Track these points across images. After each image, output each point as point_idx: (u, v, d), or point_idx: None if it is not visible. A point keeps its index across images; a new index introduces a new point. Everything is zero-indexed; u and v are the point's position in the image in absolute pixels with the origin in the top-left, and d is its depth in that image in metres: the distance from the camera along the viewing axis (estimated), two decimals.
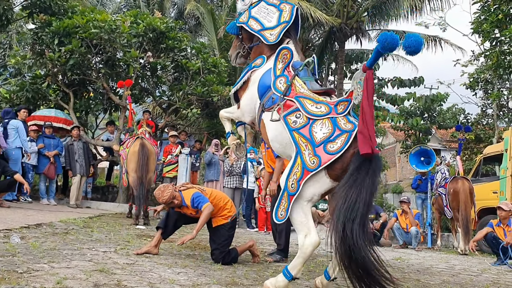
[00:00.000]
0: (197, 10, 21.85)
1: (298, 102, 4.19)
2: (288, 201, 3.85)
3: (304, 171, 3.83)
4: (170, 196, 5.12)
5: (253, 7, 4.95)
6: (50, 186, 10.72)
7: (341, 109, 4.04)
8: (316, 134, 3.92)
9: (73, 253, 4.74)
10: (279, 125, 4.19)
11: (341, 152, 3.77)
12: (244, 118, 4.82)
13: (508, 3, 11.14)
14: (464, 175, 10.97)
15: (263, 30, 4.74)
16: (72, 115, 11.62)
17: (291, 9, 4.79)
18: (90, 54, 11.03)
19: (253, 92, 4.63)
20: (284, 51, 4.61)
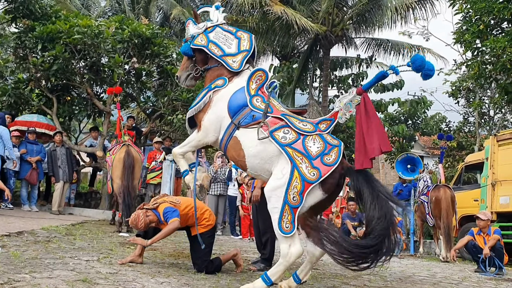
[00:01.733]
0: (182, 15, 21.83)
1: (286, 119, 4.38)
2: (292, 213, 4.02)
3: (305, 184, 4.02)
4: (144, 223, 5.13)
5: (209, 31, 5.04)
6: (32, 193, 10.58)
7: (324, 127, 4.35)
8: (310, 148, 4.17)
9: (55, 262, 4.70)
10: (263, 143, 4.30)
11: (337, 163, 4.09)
12: (208, 139, 4.75)
13: (489, 15, 11.36)
14: (446, 183, 11.11)
15: (225, 56, 4.86)
16: (55, 120, 11.50)
17: (249, 37, 4.98)
18: (74, 59, 10.95)
19: (220, 111, 4.63)
20: (259, 72, 4.76)
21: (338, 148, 4.19)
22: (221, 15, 5.22)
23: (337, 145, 4.23)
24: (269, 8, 16.53)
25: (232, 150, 4.54)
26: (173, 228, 5.09)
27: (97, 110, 12.36)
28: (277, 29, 17.79)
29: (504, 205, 10.21)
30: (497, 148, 10.62)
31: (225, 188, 10.69)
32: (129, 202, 8.45)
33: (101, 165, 11.69)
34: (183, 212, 5.18)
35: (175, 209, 5.16)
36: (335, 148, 4.19)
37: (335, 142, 4.26)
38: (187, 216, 5.19)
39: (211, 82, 4.86)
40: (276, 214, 4.09)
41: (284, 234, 4.04)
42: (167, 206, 5.19)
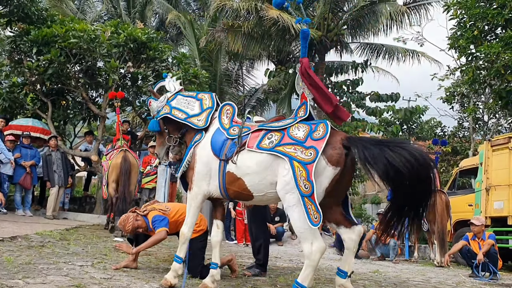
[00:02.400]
0: (178, 20, 21.85)
1: (264, 126, 4.51)
2: (312, 202, 3.91)
3: (308, 167, 3.95)
4: (132, 227, 5.16)
5: (170, 100, 5.23)
6: (26, 197, 10.52)
7: (302, 113, 4.41)
8: (297, 135, 4.18)
9: (49, 268, 4.68)
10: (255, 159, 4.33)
11: (328, 134, 4.05)
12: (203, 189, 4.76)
13: (483, 20, 11.44)
14: (440, 188, 11.15)
15: (189, 118, 5.03)
16: (50, 124, 11.46)
17: (209, 96, 5.17)
18: (69, 63, 10.91)
19: (206, 158, 4.72)
20: (226, 107, 4.99)
21: (323, 123, 4.19)
22: (177, 83, 5.45)
23: (322, 121, 4.27)
24: (264, 13, 16.56)
25: (232, 186, 4.52)
26: (159, 239, 5.13)
27: (92, 114, 12.33)
28: (273, 34, 17.83)
29: (498, 210, 10.25)
30: (491, 153, 10.68)
31: None
32: (124, 208, 8.43)
33: (95, 170, 11.65)
34: (172, 219, 5.19)
35: (164, 217, 5.17)
36: (320, 124, 4.21)
37: (318, 121, 4.30)
38: (177, 222, 5.20)
39: (190, 142, 4.97)
40: (297, 212, 4.00)
41: (315, 226, 3.92)
42: (156, 214, 5.22)
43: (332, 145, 4.04)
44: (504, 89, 11.83)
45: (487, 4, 11.68)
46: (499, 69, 11.03)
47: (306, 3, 18.48)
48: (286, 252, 9.70)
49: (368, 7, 17.58)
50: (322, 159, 3.98)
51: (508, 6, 10.91)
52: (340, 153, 4.04)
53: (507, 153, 10.23)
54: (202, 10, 24.69)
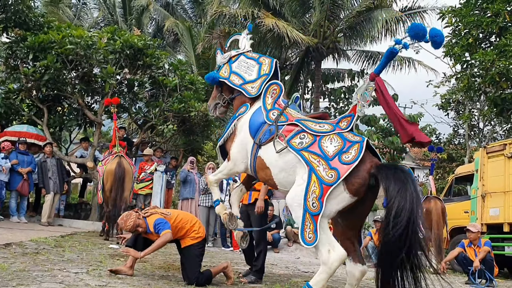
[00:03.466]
0: (176, 27, 21.91)
1: (300, 123, 4.31)
2: (313, 221, 3.79)
3: (324, 187, 3.79)
4: (133, 224, 5.11)
5: (233, 61, 5.22)
6: (21, 203, 10.43)
7: (344, 125, 4.20)
8: (327, 149, 3.98)
9: (43, 275, 4.64)
10: (283, 154, 4.23)
11: (358, 160, 3.83)
12: (237, 167, 4.84)
13: (477, 28, 11.53)
14: (436, 195, 11.16)
15: (245, 84, 5.01)
16: (45, 130, 11.42)
17: (270, 62, 5.08)
18: (66, 69, 10.91)
19: (244, 136, 4.71)
20: (273, 86, 4.87)
21: (359, 144, 3.93)
22: (248, 42, 5.45)
23: (359, 141, 3.97)
24: (261, 20, 16.64)
25: (260, 171, 4.49)
26: (165, 240, 5.07)
27: (88, 120, 12.30)
28: (269, 41, 17.92)
29: (494, 217, 10.27)
30: (487, 160, 10.71)
31: None
32: (117, 214, 8.36)
33: (91, 176, 11.61)
34: (173, 225, 5.16)
35: (166, 221, 5.14)
36: (355, 144, 3.93)
37: (356, 139, 4.01)
38: (176, 228, 5.17)
39: (236, 111, 5.02)
40: (299, 223, 3.91)
41: (307, 245, 3.85)
42: (159, 217, 5.18)
43: (357, 173, 3.83)
44: (499, 96, 11.89)
45: (481, 12, 11.78)
46: (494, 77, 11.10)
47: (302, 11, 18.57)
48: (282, 259, 9.68)
49: (364, 14, 17.68)
50: (342, 184, 3.82)
51: (502, 14, 11.00)
52: (363, 184, 3.85)
53: (502, 160, 10.27)
54: (199, 17, 24.76)
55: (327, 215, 3.87)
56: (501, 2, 10.87)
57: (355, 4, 18.58)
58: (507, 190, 10.07)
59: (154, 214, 5.25)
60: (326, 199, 3.78)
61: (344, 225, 4.11)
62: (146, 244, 5.28)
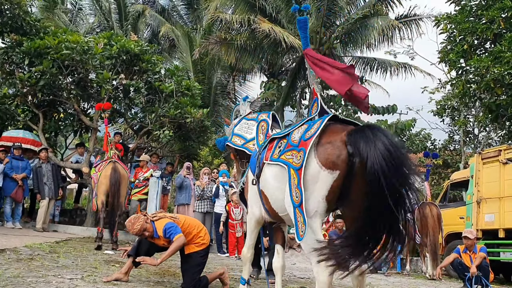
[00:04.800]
0: (172, 33, 21.94)
1: (274, 135, 4.38)
2: (301, 213, 3.48)
3: (298, 173, 3.54)
4: (140, 227, 5.07)
5: (235, 126, 5.49)
6: (16, 209, 10.36)
7: (315, 110, 4.20)
8: (295, 138, 3.83)
9: (37, 281, 4.62)
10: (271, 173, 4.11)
11: (319, 130, 3.54)
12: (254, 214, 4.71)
13: (472, 35, 11.60)
14: (432, 201, 11.19)
15: (247, 143, 5.17)
16: (41, 136, 11.39)
17: (267, 116, 5.24)
18: (62, 75, 10.89)
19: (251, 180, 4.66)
20: (261, 123, 5.12)
21: (322, 119, 3.70)
22: (247, 106, 5.68)
23: (322, 117, 3.78)
24: (257, 26, 16.69)
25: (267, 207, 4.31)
26: (180, 245, 5.05)
27: (84, 126, 12.28)
28: (265, 47, 17.95)
29: (489, 223, 10.29)
30: (482, 166, 10.75)
31: (211, 205, 10.64)
32: (113, 220, 8.33)
33: (86, 182, 11.57)
34: (181, 229, 5.13)
35: (176, 225, 5.11)
36: (318, 121, 3.72)
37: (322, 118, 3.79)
38: (184, 233, 5.16)
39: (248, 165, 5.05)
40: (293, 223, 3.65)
41: (300, 240, 3.57)
42: (169, 221, 5.15)
43: (328, 144, 3.49)
44: (494, 102, 11.95)
45: (476, 19, 11.85)
46: (488, 83, 11.16)
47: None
48: None
49: (360, 21, 17.76)
50: (315, 162, 3.48)
51: (497, 21, 11.08)
52: (338, 154, 3.41)
53: (497, 166, 10.31)
54: (194, 23, 24.81)
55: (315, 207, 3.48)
56: (496, 9, 10.94)
57: (351, 12, 18.69)
58: (502, 196, 10.10)
59: (163, 218, 5.22)
60: (306, 188, 3.47)
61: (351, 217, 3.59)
62: (150, 249, 5.27)
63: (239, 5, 18.75)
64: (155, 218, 5.23)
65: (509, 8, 10.74)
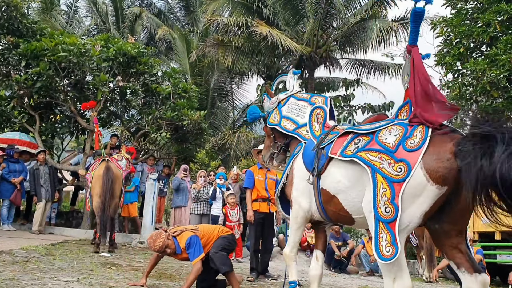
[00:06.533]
0: (169, 35, 21.95)
1: (351, 129, 3.91)
2: (390, 230, 3.14)
3: (394, 186, 3.16)
4: (162, 244, 4.89)
5: (282, 105, 4.90)
6: (10, 211, 10.33)
7: (405, 116, 3.63)
8: (386, 140, 3.39)
9: (33, 283, 4.60)
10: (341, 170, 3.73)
11: (427, 141, 3.16)
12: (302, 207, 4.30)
13: (469, 38, 11.63)
14: None
15: (299, 128, 4.64)
16: (37, 138, 11.37)
17: (323, 101, 4.71)
18: (58, 77, 10.88)
19: (302, 173, 4.28)
20: (316, 110, 4.56)
21: (424, 126, 3.26)
22: (296, 83, 5.08)
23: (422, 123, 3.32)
24: (254, 29, 16.73)
25: (328, 206, 3.93)
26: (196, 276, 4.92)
27: (80, 128, 12.26)
28: (263, 50, 18.00)
29: (486, 225, 10.29)
30: None
31: (208, 207, 10.59)
32: (106, 220, 8.17)
33: (83, 184, 11.54)
34: (202, 240, 5.09)
35: (197, 238, 5.00)
36: (418, 126, 3.29)
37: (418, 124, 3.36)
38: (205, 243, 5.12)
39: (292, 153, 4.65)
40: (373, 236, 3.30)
41: (384, 261, 3.16)
42: (190, 235, 5.01)
43: (438, 155, 3.11)
44: (490, 105, 11.97)
45: (472, 22, 11.88)
46: (485, 86, 11.18)
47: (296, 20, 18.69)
48: (275, 267, 9.62)
49: (358, 23, 17.83)
50: (422, 174, 3.12)
51: (493, 24, 11.10)
52: (449, 167, 3.07)
53: None
54: (191, 25, 24.84)
55: (409, 222, 3.17)
56: (492, 12, 10.97)
57: (348, 14, 18.75)
58: None
59: (184, 232, 5.06)
60: (405, 200, 3.11)
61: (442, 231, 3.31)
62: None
63: (236, 8, 18.82)
64: (176, 234, 5.04)
65: (505, 12, 10.77)
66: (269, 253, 7.91)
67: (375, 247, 3.21)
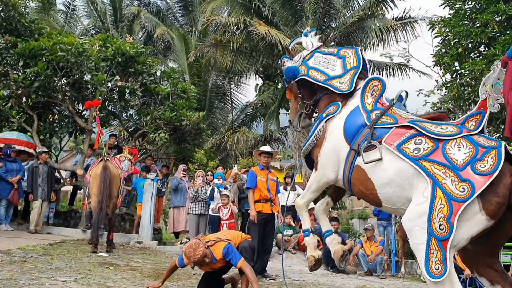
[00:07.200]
0: (167, 35, 21.95)
1: (415, 125, 3.57)
2: (441, 248, 3.06)
3: (454, 204, 3.07)
4: (202, 254, 4.72)
5: (307, 59, 4.58)
6: (7, 211, 10.32)
7: (473, 126, 3.43)
8: (454, 156, 3.24)
9: (30, 283, 4.59)
10: (393, 162, 3.51)
11: (497, 170, 3.07)
12: (327, 177, 4.08)
13: (467, 38, 11.65)
14: None
15: (330, 80, 4.31)
16: (35, 137, 11.34)
17: (355, 53, 4.41)
18: (56, 76, 10.86)
19: (336, 141, 4.01)
20: (373, 82, 4.14)
21: (496, 150, 3.15)
22: (315, 39, 4.79)
23: (495, 146, 3.18)
24: (253, 28, 16.72)
25: (358, 184, 3.77)
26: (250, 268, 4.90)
27: (79, 127, 12.24)
28: (261, 49, 17.98)
29: None
30: None
31: (206, 207, 10.59)
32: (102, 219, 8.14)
33: (81, 184, 11.53)
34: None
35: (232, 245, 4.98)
36: (491, 150, 3.16)
37: (491, 144, 3.22)
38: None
39: (322, 112, 4.32)
40: (421, 251, 3.15)
41: (433, 279, 3.08)
42: (226, 243, 4.96)
43: (496, 188, 3.06)
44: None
45: (470, 22, 11.89)
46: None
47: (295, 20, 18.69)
48: (273, 267, 9.62)
49: (357, 23, 17.83)
50: (477, 202, 3.07)
51: (491, 24, 11.12)
52: (502, 203, 3.07)
53: None
54: (190, 25, 24.84)
55: (457, 242, 3.11)
56: (490, 12, 10.99)
57: (347, 14, 18.76)
58: None
59: (219, 242, 4.96)
60: (457, 220, 3.07)
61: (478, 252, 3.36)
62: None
63: (235, 7, 18.80)
64: (210, 244, 4.92)
65: (503, 12, 10.79)
66: (268, 253, 7.90)
67: (425, 263, 3.13)
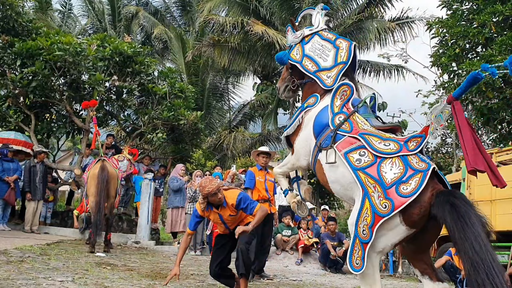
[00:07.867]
0: (165, 34, 21.93)
1: (363, 139, 3.91)
2: (362, 248, 3.56)
3: (375, 217, 3.51)
4: (215, 188, 4.78)
5: (306, 42, 4.80)
6: (5, 211, 10.29)
7: (413, 146, 3.77)
8: (386, 175, 3.61)
9: (27, 283, 4.58)
10: (340, 166, 3.93)
11: (416, 194, 3.44)
12: (300, 163, 4.61)
13: (464, 39, 11.67)
14: None
15: (319, 71, 4.59)
16: (32, 137, 11.31)
17: (348, 47, 4.59)
18: (54, 76, 10.83)
19: (308, 132, 4.44)
20: (343, 87, 4.43)
21: (422, 173, 3.51)
22: (323, 20, 4.93)
23: (423, 170, 3.55)
24: (250, 28, 16.73)
25: (319, 175, 4.26)
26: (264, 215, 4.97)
27: (76, 127, 12.23)
28: (259, 49, 18.00)
29: None
30: None
31: None
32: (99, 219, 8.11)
33: (79, 183, 11.51)
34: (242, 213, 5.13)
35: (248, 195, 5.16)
36: (417, 174, 3.52)
37: (421, 166, 3.58)
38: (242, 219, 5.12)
39: (305, 101, 4.69)
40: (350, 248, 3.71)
41: (353, 271, 3.62)
42: (241, 191, 5.11)
43: (417, 203, 3.45)
44: (486, 106, 12.02)
45: (468, 23, 11.93)
46: (480, 87, 11.21)
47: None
48: (271, 267, 9.63)
49: (355, 23, 17.86)
50: (398, 216, 3.48)
51: (488, 25, 11.15)
52: (422, 216, 3.49)
53: None
54: (187, 25, 24.82)
55: (381, 248, 3.63)
56: (487, 13, 11.02)
57: (345, 15, 18.79)
58: (493, 198, 10.14)
59: (234, 189, 5.15)
60: (380, 230, 3.51)
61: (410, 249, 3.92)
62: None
63: (233, 8, 18.83)
64: (224, 188, 5.03)
65: (500, 13, 10.82)
66: (266, 253, 7.87)
67: (349, 257, 3.66)
